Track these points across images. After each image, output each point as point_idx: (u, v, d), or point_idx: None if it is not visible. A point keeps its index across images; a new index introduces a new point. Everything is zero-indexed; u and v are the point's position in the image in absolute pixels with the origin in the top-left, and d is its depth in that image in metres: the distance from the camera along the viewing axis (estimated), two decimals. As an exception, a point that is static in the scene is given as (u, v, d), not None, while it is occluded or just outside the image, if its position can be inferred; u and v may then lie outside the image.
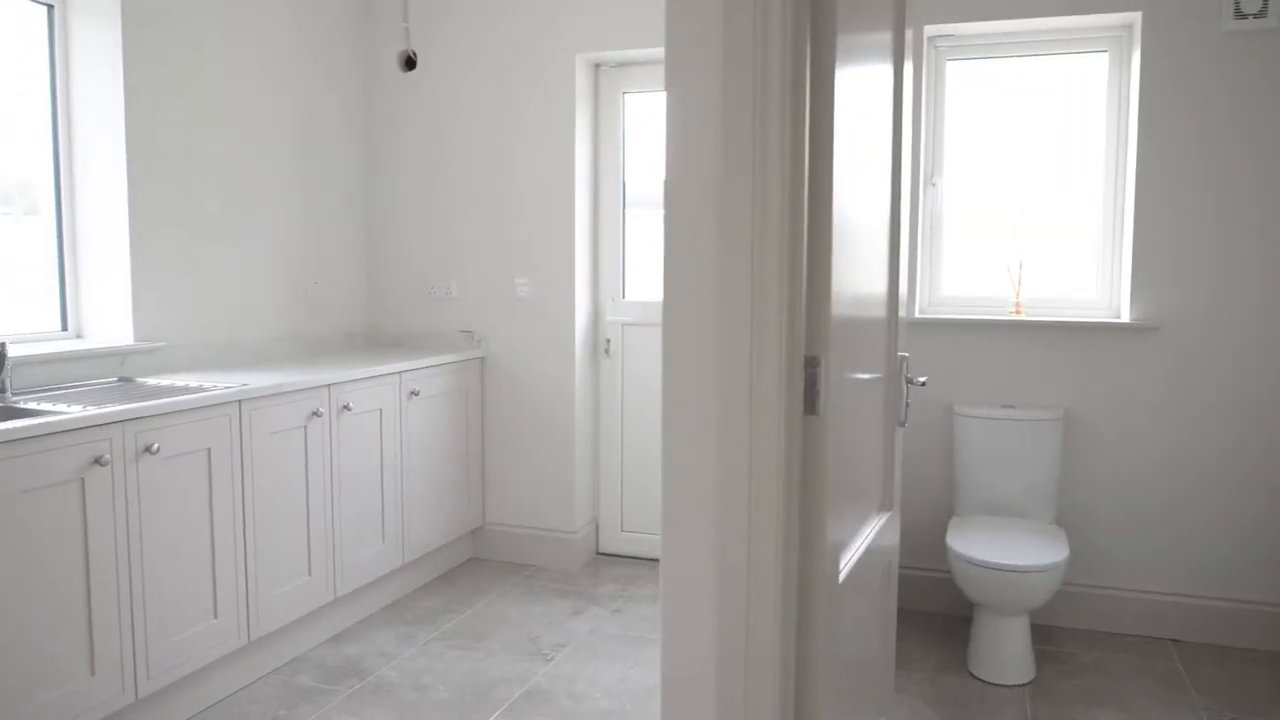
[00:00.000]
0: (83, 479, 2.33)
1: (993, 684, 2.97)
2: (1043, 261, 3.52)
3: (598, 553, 4.24)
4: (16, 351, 2.77)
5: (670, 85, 1.43)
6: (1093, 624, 3.40)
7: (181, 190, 3.28)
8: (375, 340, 4.30)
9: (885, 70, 1.96)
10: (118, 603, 2.43)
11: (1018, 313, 3.48)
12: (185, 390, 2.81)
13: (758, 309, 1.42)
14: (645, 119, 4.07)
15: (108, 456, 2.37)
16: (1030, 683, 2.98)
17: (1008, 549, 2.93)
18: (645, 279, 4.12)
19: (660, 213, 1.48)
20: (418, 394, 3.64)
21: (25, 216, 3.05)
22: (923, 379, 2.23)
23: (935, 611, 3.57)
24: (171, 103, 3.23)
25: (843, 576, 1.66)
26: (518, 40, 3.96)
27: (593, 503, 4.21)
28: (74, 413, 2.36)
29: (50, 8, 3.04)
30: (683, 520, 1.48)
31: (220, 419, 2.74)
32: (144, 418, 2.48)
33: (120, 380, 2.99)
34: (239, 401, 2.80)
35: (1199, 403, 3.25)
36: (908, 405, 2.14)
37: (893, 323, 2.12)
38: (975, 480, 3.38)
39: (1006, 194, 3.55)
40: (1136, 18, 3.22)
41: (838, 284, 1.55)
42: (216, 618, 2.74)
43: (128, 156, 3.07)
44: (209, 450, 2.70)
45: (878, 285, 1.97)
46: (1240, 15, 3.07)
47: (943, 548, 3.45)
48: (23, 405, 2.54)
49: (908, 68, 2.10)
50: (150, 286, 3.18)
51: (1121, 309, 3.37)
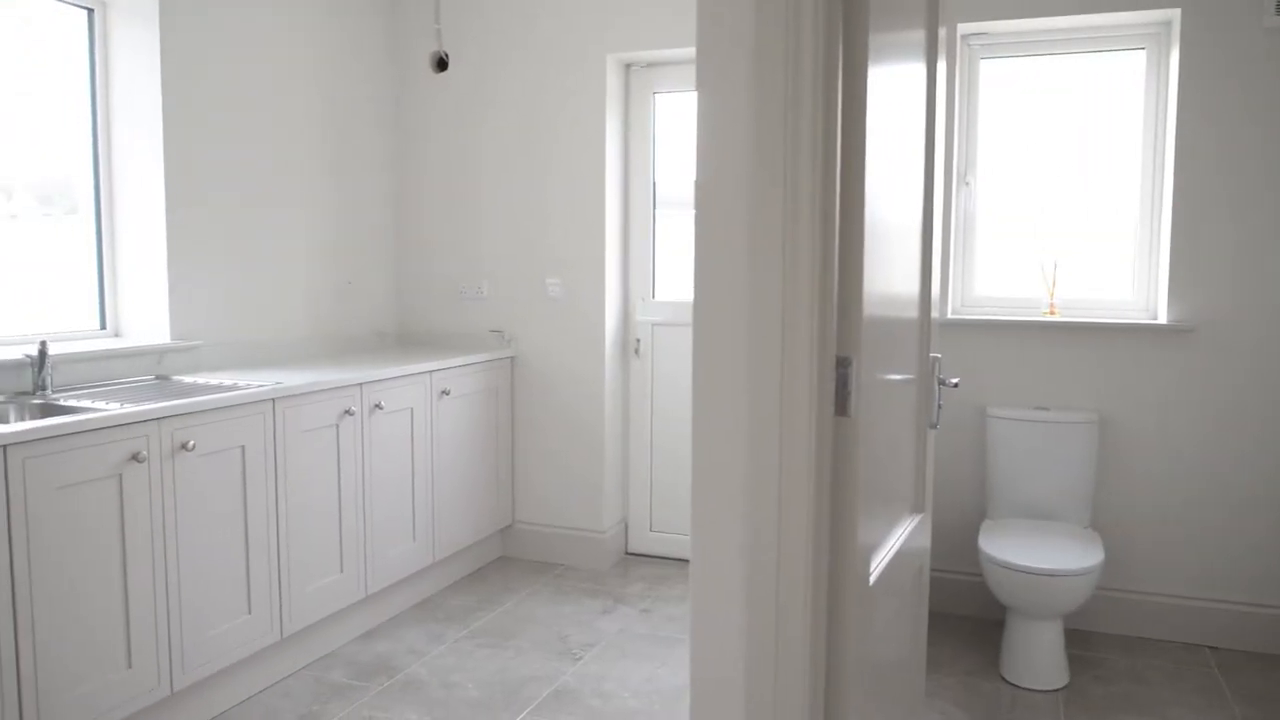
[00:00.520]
0: (120, 475, 2.36)
1: (1025, 689, 2.94)
2: (1077, 262, 3.47)
3: (627, 552, 4.25)
4: (57, 350, 2.82)
5: (701, 85, 1.43)
6: (1128, 629, 3.35)
7: (216, 191, 3.33)
8: (406, 340, 4.33)
9: (918, 69, 1.95)
10: (154, 597, 2.47)
11: (1052, 313, 3.43)
12: (220, 388, 2.85)
13: (789, 309, 1.41)
14: (676, 119, 4.07)
15: (145, 453, 2.41)
16: (1064, 688, 2.94)
17: (1041, 552, 2.90)
18: (675, 279, 4.12)
19: (690, 213, 1.47)
20: (448, 393, 3.67)
21: (65, 217, 3.11)
22: (955, 380, 2.21)
23: (967, 615, 3.54)
24: (207, 104, 3.28)
25: (873, 578, 1.65)
26: (549, 40, 3.98)
27: (622, 502, 4.22)
28: (112, 410, 2.40)
29: (90, 11, 3.09)
30: (712, 520, 1.47)
31: (254, 417, 2.77)
32: (180, 415, 2.52)
33: (157, 378, 3.04)
34: (273, 400, 2.83)
35: (1237, 406, 3.19)
36: (940, 406, 2.12)
37: (925, 323, 2.11)
38: (1008, 483, 3.34)
39: (1041, 194, 3.51)
40: (1175, 14, 3.17)
41: (869, 284, 1.54)
42: (250, 614, 2.78)
43: (165, 157, 3.12)
44: (243, 448, 2.74)
45: (910, 286, 1.95)
46: (1282, 11, 3.01)
47: (975, 550, 3.41)
48: (63, 402, 2.59)
49: (941, 66, 2.08)
50: (186, 286, 3.22)
51: (1158, 310, 3.32)
